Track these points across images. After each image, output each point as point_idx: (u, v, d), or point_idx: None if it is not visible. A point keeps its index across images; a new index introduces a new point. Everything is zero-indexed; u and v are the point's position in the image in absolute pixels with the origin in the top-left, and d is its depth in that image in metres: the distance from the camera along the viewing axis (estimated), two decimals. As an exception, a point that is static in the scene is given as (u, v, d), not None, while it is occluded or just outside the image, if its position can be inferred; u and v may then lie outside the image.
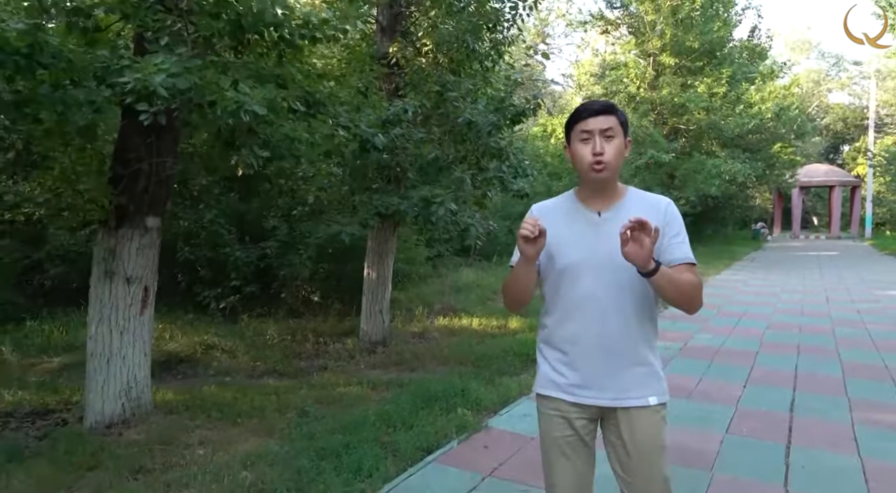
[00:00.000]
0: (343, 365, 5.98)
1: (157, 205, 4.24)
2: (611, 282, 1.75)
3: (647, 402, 1.77)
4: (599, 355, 1.77)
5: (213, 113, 2.78)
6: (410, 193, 5.02)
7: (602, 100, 1.88)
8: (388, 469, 3.27)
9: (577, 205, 1.85)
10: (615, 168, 1.76)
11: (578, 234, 1.80)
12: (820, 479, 3.21)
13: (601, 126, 1.73)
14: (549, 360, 1.88)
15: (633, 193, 1.86)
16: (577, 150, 1.76)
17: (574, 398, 1.80)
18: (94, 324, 4.15)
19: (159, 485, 3.16)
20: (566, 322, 1.81)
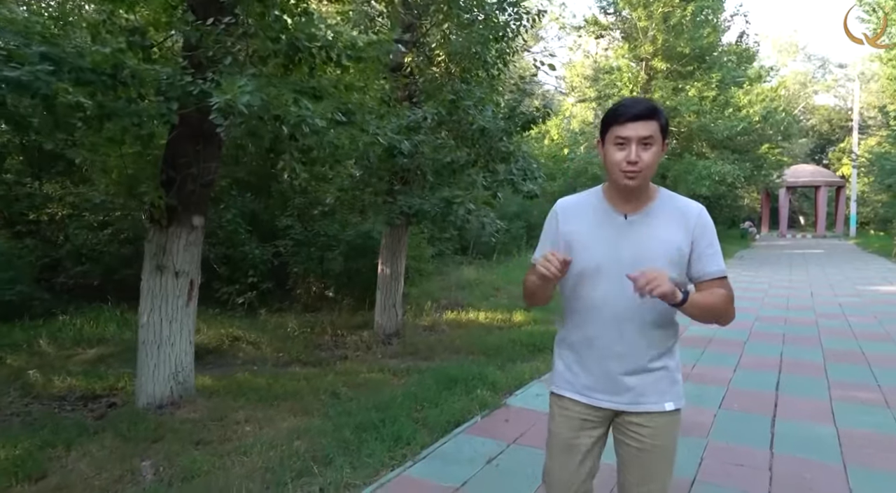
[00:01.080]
0: (361, 355, 6.40)
1: (202, 205, 4.65)
2: (629, 287, 1.63)
3: (663, 407, 1.74)
4: (616, 360, 1.73)
5: (274, 125, 3.18)
6: (428, 194, 5.45)
7: (644, 101, 1.69)
8: (424, 439, 3.71)
9: (605, 205, 1.76)
10: (648, 176, 1.66)
11: (602, 235, 1.73)
12: (801, 444, 3.68)
13: (640, 134, 1.61)
14: (564, 360, 1.85)
15: (664, 196, 1.76)
16: (611, 154, 1.65)
17: (588, 400, 1.77)
18: (146, 314, 4.54)
19: (223, 452, 3.57)
20: (584, 325, 1.77)
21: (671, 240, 1.69)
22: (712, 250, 1.72)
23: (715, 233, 1.76)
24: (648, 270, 1.56)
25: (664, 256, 1.68)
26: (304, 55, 3.48)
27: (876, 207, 30.43)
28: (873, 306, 9.16)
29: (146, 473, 3.40)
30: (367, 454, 3.45)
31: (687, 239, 1.70)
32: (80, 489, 3.16)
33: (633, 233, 1.70)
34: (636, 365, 1.72)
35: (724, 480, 3.18)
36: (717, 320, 1.71)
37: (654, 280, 1.53)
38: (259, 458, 3.46)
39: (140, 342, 4.58)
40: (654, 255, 1.67)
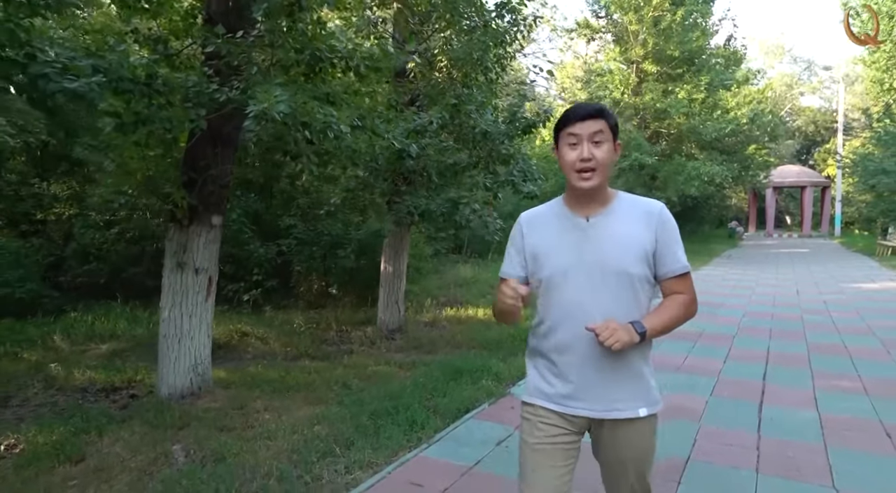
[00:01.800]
0: (367, 350, 6.63)
1: (220, 205, 4.88)
2: (599, 289, 1.69)
3: (636, 413, 1.72)
4: (589, 366, 1.71)
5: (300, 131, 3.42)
6: (434, 195, 5.71)
7: (592, 103, 1.78)
8: (436, 424, 3.96)
9: (565, 211, 1.79)
10: (604, 174, 1.70)
11: (566, 240, 1.74)
12: (786, 427, 3.97)
13: (590, 130, 1.67)
14: (537, 368, 1.83)
15: (622, 198, 1.79)
16: (564, 154, 1.71)
17: (562, 409, 1.75)
18: (167, 309, 4.76)
19: (248, 437, 3.81)
20: (554, 331, 1.76)
21: (634, 238, 1.70)
22: (675, 246, 1.74)
23: (677, 230, 1.77)
24: (604, 325, 1.60)
25: (629, 254, 1.69)
26: (324, 65, 3.72)
27: (860, 207, 30.94)
28: (856, 303, 9.51)
29: (178, 456, 3.62)
30: (385, 437, 3.70)
31: (650, 237, 1.71)
32: (118, 471, 3.39)
33: (596, 234, 1.72)
34: (610, 371, 1.70)
35: (715, 458, 3.46)
36: (683, 322, 1.76)
37: (612, 336, 1.58)
38: (284, 441, 3.70)
39: (161, 336, 4.80)
40: (618, 254, 1.69)
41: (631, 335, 1.61)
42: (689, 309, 1.76)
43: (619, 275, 1.68)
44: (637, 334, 1.63)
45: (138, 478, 3.28)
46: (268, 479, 3.17)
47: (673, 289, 1.76)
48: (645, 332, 1.65)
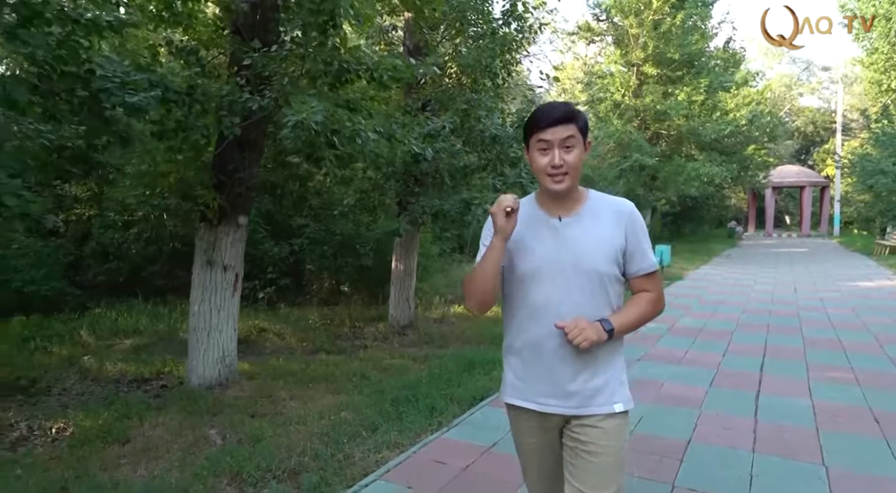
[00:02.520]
0: (380, 344, 6.91)
1: (246, 206, 5.16)
2: (571, 288, 1.71)
3: (612, 409, 1.74)
4: (561, 363, 1.72)
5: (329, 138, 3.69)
6: (446, 196, 5.99)
7: (561, 105, 1.75)
8: (454, 410, 4.24)
9: (538, 211, 1.80)
10: (575, 177, 1.72)
11: (538, 239, 1.75)
12: (781, 413, 4.25)
13: (560, 136, 1.67)
14: (513, 368, 1.84)
15: (594, 198, 1.81)
16: (536, 160, 1.72)
17: (538, 407, 1.76)
18: (197, 304, 5.03)
19: (279, 422, 4.08)
20: (526, 329, 1.76)
21: (606, 238, 1.73)
22: (645, 245, 1.77)
23: (646, 229, 1.81)
24: (573, 323, 1.65)
25: (601, 253, 1.72)
26: (350, 75, 4.00)
27: (859, 206, 31.20)
28: (852, 300, 9.79)
29: (215, 438, 3.90)
30: (408, 421, 3.98)
31: (621, 235, 1.74)
32: (163, 451, 3.66)
33: (569, 234, 1.74)
34: (582, 367, 1.72)
35: (715, 440, 3.74)
36: (647, 322, 1.80)
37: (581, 335, 1.63)
38: (313, 425, 3.98)
39: (191, 329, 5.08)
40: (591, 253, 1.71)
41: (599, 333, 1.65)
42: (655, 307, 1.80)
43: (590, 274, 1.70)
44: (605, 332, 1.67)
45: (183, 457, 3.56)
46: (303, 457, 3.45)
47: (641, 287, 1.80)
48: (612, 329, 1.68)
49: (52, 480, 3.16)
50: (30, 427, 4.02)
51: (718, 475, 3.22)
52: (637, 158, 15.81)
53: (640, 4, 15.90)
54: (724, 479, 3.18)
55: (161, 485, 3.09)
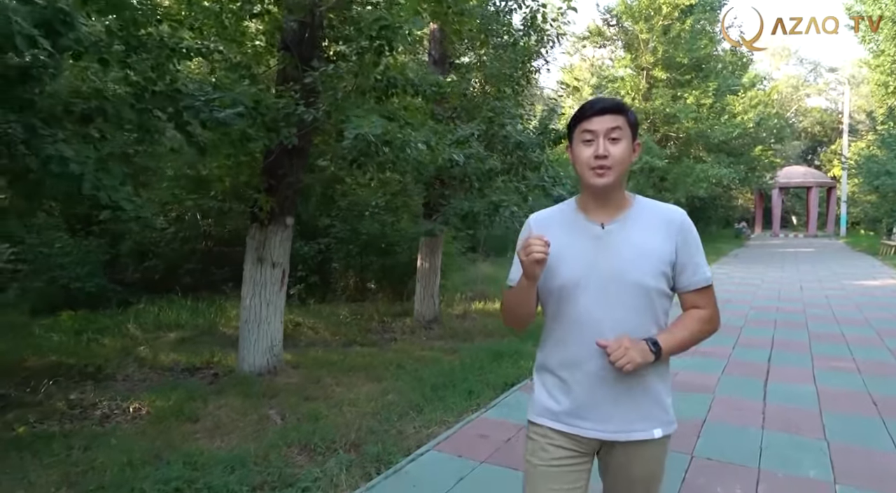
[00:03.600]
0: (408, 338, 7.33)
1: (293, 208, 5.60)
2: (613, 302, 1.57)
3: (651, 435, 1.61)
4: (600, 383, 1.59)
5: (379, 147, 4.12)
6: (473, 198, 6.42)
7: (610, 97, 1.67)
8: (490, 394, 4.67)
9: (578, 216, 1.67)
10: (620, 173, 1.57)
11: (578, 248, 1.62)
12: (787, 397, 4.65)
13: (607, 126, 1.54)
14: (545, 385, 1.71)
15: (641, 204, 1.68)
16: (578, 152, 1.59)
17: (570, 429, 1.63)
18: (249, 298, 5.46)
19: (331, 404, 4.51)
20: (564, 345, 1.64)
21: (654, 248, 1.59)
22: (698, 258, 1.64)
23: (699, 240, 1.66)
24: (616, 343, 1.52)
25: (647, 266, 1.58)
26: (397, 91, 4.42)
27: (865, 207, 31.49)
28: (856, 298, 10.17)
29: (275, 417, 4.33)
30: (450, 403, 4.41)
31: (671, 247, 1.60)
32: (232, 428, 4.09)
33: (611, 243, 1.60)
34: (623, 388, 1.59)
35: (727, 419, 4.15)
36: (699, 342, 1.66)
37: (625, 356, 1.50)
38: (364, 406, 4.41)
39: (242, 321, 5.51)
40: (635, 265, 1.58)
41: (644, 355, 1.52)
42: (709, 325, 1.66)
43: (635, 287, 1.56)
44: (651, 353, 1.54)
45: (251, 432, 3.99)
46: (361, 432, 3.87)
47: (693, 303, 1.66)
48: (660, 351, 1.55)
49: (145, 449, 3.59)
50: (110, 407, 4.46)
51: (731, 448, 3.64)
52: (647, 160, 16.20)
53: (649, 10, 16.31)
54: (736, 450, 3.60)
55: (242, 453, 3.52)
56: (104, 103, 3.21)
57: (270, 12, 5.18)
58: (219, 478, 3.13)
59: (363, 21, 3.77)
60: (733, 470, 3.33)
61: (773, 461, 3.44)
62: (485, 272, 12.40)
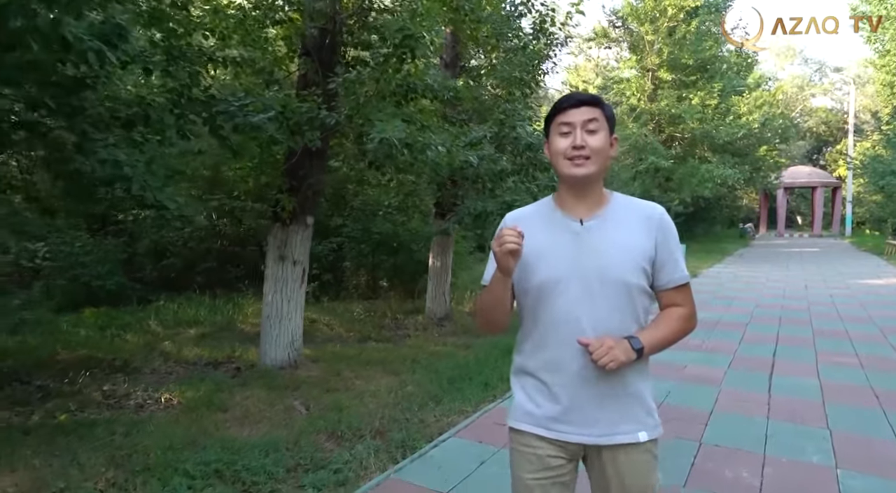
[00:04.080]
0: (421, 334, 7.53)
1: (313, 208, 5.80)
2: (594, 300, 1.53)
3: (636, 438, 1.57)
4: (582, 385, 1.55)
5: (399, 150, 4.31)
6: (485, 198, 6.62)
7: (586, 92, 1.67)
8: (504, 386, 4.85)
9: (556, 212, 1.63)
10: (598, 164, 1.54)
11: (557, 245, 1.58)
12: (792, 390, 4.83)
13: (584, 117, 1.52)
14: (525, 388, 1.65)
15: (619, 200, 1.65)
16: (555, 143, 1.56)
17: (552, 434, 1.58)
18: (270, 294, 5.67)
19: (353, 395, 4.71)
20: (544, 347, 1.59)
21: (634, 245, 1.57)
22: (676, 255, 1.61)
23: (677, 237, 1.64)
24: (598, 341, 1.48)
25: (629, 263, 1.55)
26: (416, 95, 4.63)
27: (871, 207, 31.54)
28: (860, 296, 10.32)
29: (300, 408, 4.53)
30: (467, 394, 4.61)
31: (650, 243, 1.58)
32: (260, 417, 4.30)
33: (592, 240, 1.56)
34: (605, 390, 1.55)
35: (734, 410, 4.34)
36: (678, 341, 1.63)
37: (608, 354, 1.46)
38: (385, 397, 4.61)
39: (264, 317, 5.72)
40: (617, 262, 1.55)
41: (627, 353, 1.49)
42: (688, 324, 1.64)
43: (618, 285, 1.53)
44: (634, 351, 1.50)
45: (279, 421, 4.19)
46: (384, 420, 4.07)
47: (672, 300, 1.63)
48: (642, 349, 1.52)
49: (181, 435, 3.79)
50: (143, 397, 4.68)
51: (738, 436, 3.82)
52: (652, 161, 16.37)
53: (655, 12, 16.49)
54: (743, 438, 3.78)
55: (274, 439, 3.72)
56: (148, 109, 3.42)
57: (292, 19, 5.40)
58: (255, 460, 3.34)
59: (387, 30, 3.95)
60: (740, 456, 3.52)
61: (777, 448, 3.63)
62: (493, 271, 12.61)
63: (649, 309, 1.62)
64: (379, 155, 4.18)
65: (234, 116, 3.64)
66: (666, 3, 16.17)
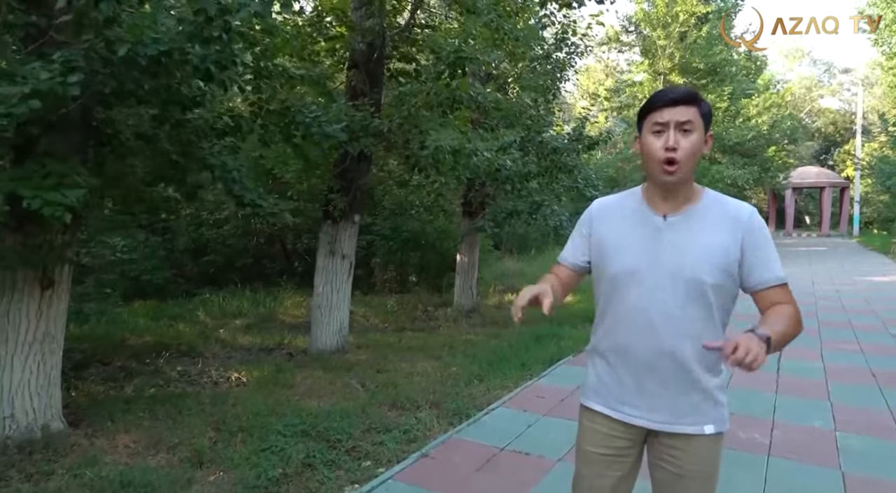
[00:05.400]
0: (451, 325, 8.07)
1: (360, 206, 6.36)
2: (667, 296, 1.54)
3: (701, 430, 1.58)
4: (648, 374, 1.58)
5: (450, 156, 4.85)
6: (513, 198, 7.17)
7: (683, 88, 1.63)
8: (540, 366, 5.40)
9: (643, 205, 1.65)
10: (689, 169, 1.54)
11: (638, 238, 1.61)
12: (797, 370, 5.35)
13: (678, 118, 1.50)
14: (596, 369, 1.72)
15: (710, 197, 1.63)
16: (648, 143, 1.54)
17: (617, 415, 1.64)
18: (321, 285, 6.22)
19: (403, 375, 5.26)
20: (615, 333, 1.64)
21: (716, 244, 1.55)
22: (766, 254, 1.58)
23: (769, 238, 1.61)
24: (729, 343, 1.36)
25: (708, 261, 1.54)
26: (460, 106, 5.17)
27: (878, 207, 31.82)
28: (865, 292, 10.80)
29: (356, 385, 5.08)
30: (507, 373, 5.15)
31: (736, 244, 1.55)
32: (324, 392, 4.84)
33: (672, 236, 1.57)
34: (671, 382, 1.57)
35: (745, 385, 4.84)
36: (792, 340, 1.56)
37: (750, 355, 1.32)
38: (432, 376, 5.16)
39: (315, 306, 6.27)
40: (693, 261, 1.54)
41: (760, 346, 1.35)
42: (797, 322, 1.57)
43: (691, 284, 1.53)
44: (763, 342, 1.38)
45: (342, 395, 4.74)
46: (437, 395, 4.61)
47: (768, 301, 1.59)
48: (769, 338, 1.41)
49: (260, 406, 4.34)
50: (216, 376, 5.24)
51: (750, 406, 4.35)
52: (664, 162, 16.81)
53: (667, 18, 16.98)
54: (754, 408, 4.31)
55: (343, 409, 4.26)
56: (240, 121, 3.97)
57: (343, 35, 5.95)
58: (334, 423, 3.88)
59: (442, 50, 4.49)
60: (752, 422, 4.05)
61: (784, 416, 4.16)
62: (512, 268, 13.15)
63: (730, 311, 1.62)
64: (430, 160, 4.71)
65: (310, 126, 4.18)
66: (677, 8, 16.65)
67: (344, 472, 3.32)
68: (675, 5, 16.64)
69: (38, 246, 3.38)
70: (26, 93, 2.43)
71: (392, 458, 3.48)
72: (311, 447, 3.55)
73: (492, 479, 3.22)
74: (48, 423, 3.66)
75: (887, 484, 3.16)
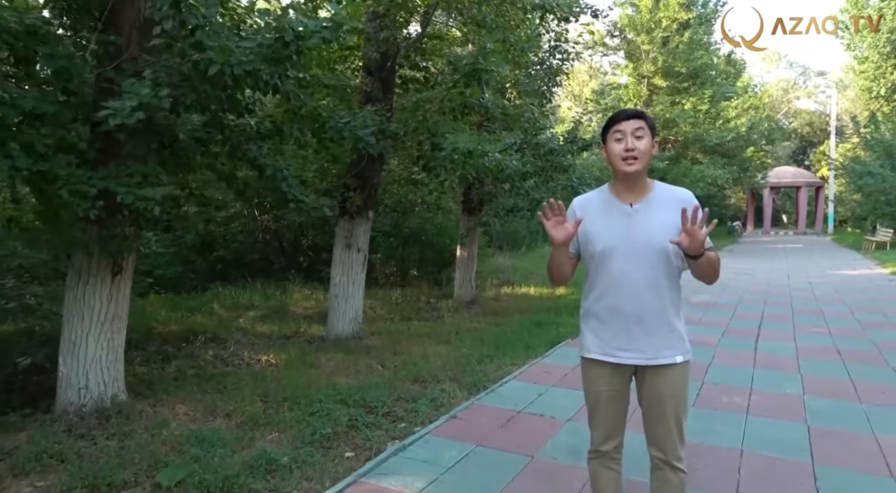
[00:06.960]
0: (454, 315, 8.58)
1: (373, 203, 6.85)
2: (643, 263, 2.04)
3: (674, 360, 2.08)
4: (635, 323, 2.07)
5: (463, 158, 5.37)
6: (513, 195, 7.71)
7: (634, 108, 2.21)
8: (543, 348, 5.95)
9: (611, 198, 2.14)
10: (644, 162, 2.03)
11: (612, 223, 2.09)
12: (773, 349, 5.97)
13: (632, 127, 2.02)
14: (590, 326, 2.19)
15: (660, 187, 2.13)
16: (611, 147, 2.06)
17: (614, 359, 2.11)
18: (338, 276, 6.71)
19: (418, 356, 5.76)
20: (606, 297, 2.12)
21: (671, 220, 2.01)
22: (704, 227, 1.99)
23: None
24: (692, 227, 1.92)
25: (667, 235, 2.01)
26: (470, 112, 5.70)
27: (852, 206, 32.85)
28: (836, 283, 11.53)
29: (377, 366, 5.57)
30: (514, 353, 5.70)
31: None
32: (348, 372, 5.34)
33: (639, 219, 2.06)
34: (652, 327, 2.07)
35: (727, 362, 5.46)
36: (713, 275, 2.07)
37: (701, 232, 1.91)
38: (447, 358, 5.68)
39: (332, 296, 6.76)
40: (658, 234, 2.03)
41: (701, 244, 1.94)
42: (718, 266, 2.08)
43: (659, 251, 2.03)
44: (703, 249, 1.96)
45: (366, 373, 5.24)
46: (454, 371, 5.14)
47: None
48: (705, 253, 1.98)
49: (295, 381, 4.83)
50: (247, 359, 5.71)
51: (731, 377, 4.95)
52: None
53: (651, 23, 17.68)
54: (734, 379, 4.91)
55: (371, 383, 4.76)
56: (281, 126, 4.47)
57: (358, 45, 6.44)
58: (367, 394, 4.39)
59: (458, 62, 5.01)
60: (732, 389, 4.63)
61: (761, 384, 4.75)
62: (504, 264, 13.71)
63: (681, 269, 2.14)
64: (444, 162, 5.23)
65: (342, 130, 4.68)
66: (660, 15, 17.36)
67: (384, 431, 3.84)
68: (659, 11, 17.33)
69: (113, 237, 3.84)
70: (134, 106, 2.91)
71: (424, 420, 4.01)
72: (352, 412, 4.05)
73: (513, 434, 3.76)
74: (116, 394, 4.13)
75: (845, 434, 3.75)
